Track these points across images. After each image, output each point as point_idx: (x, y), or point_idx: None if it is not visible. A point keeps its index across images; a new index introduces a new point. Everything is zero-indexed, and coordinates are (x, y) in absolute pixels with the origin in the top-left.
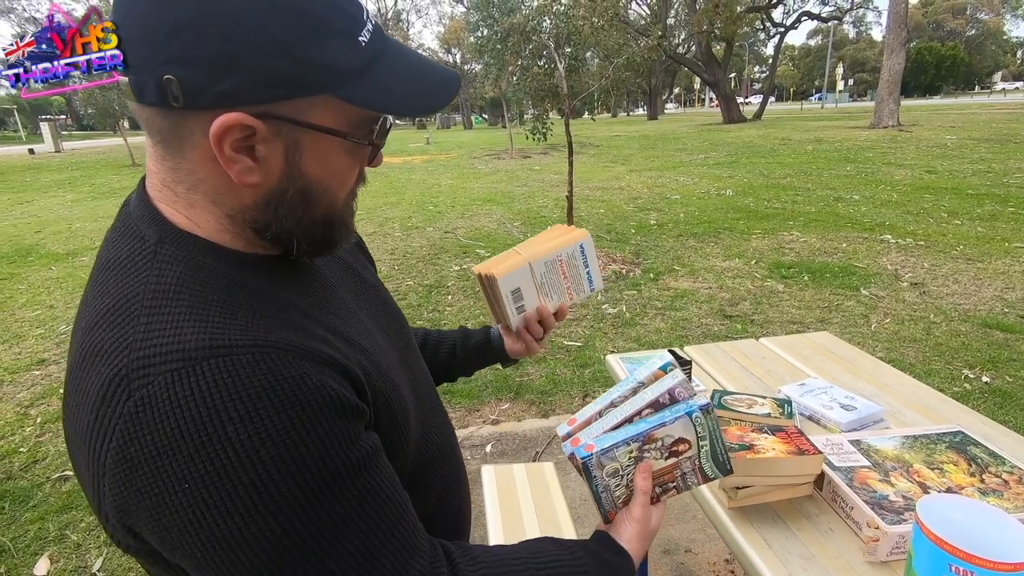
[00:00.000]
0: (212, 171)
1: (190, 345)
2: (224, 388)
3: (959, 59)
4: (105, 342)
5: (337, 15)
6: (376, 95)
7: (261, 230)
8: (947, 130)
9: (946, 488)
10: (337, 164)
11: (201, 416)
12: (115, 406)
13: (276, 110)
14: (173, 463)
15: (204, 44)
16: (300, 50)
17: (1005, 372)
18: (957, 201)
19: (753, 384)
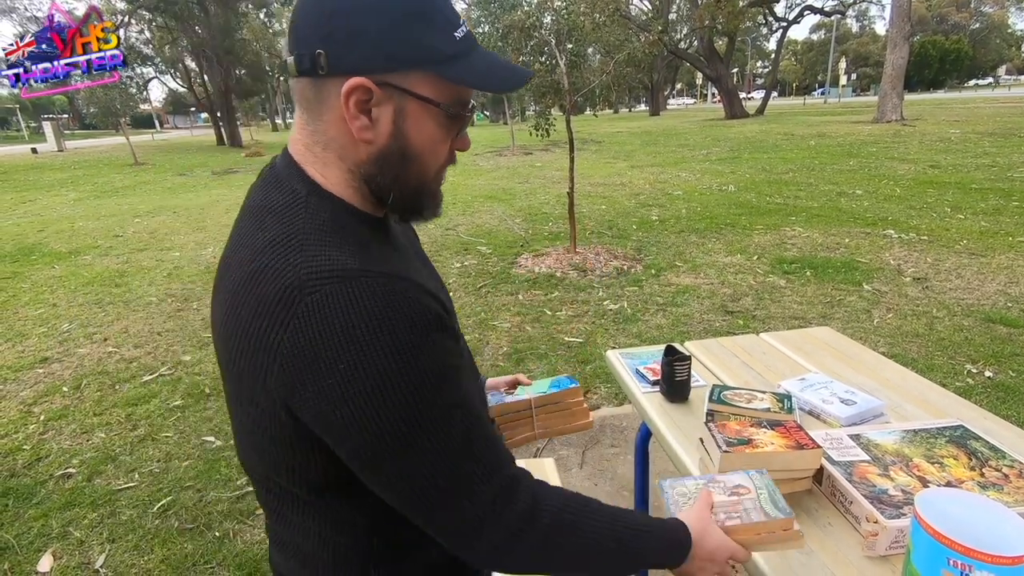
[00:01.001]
0: (341, 130)
1: (341, 268)
2: (367, 299)
3: (963, 53)
4: (274, 264)
5: (439, 15)
6: (465, 73)
7: (370, 184)
8: (951, 124)
9: (946, 482)
10: (431, 133)
11: (352, 318)
12: (289, 308)
13: (389, 79)
14: (331, 350)
15: (345, 26)
16: (411, 35)
17: (1008, 367)
18: (961, 195)
19: (753, 379)
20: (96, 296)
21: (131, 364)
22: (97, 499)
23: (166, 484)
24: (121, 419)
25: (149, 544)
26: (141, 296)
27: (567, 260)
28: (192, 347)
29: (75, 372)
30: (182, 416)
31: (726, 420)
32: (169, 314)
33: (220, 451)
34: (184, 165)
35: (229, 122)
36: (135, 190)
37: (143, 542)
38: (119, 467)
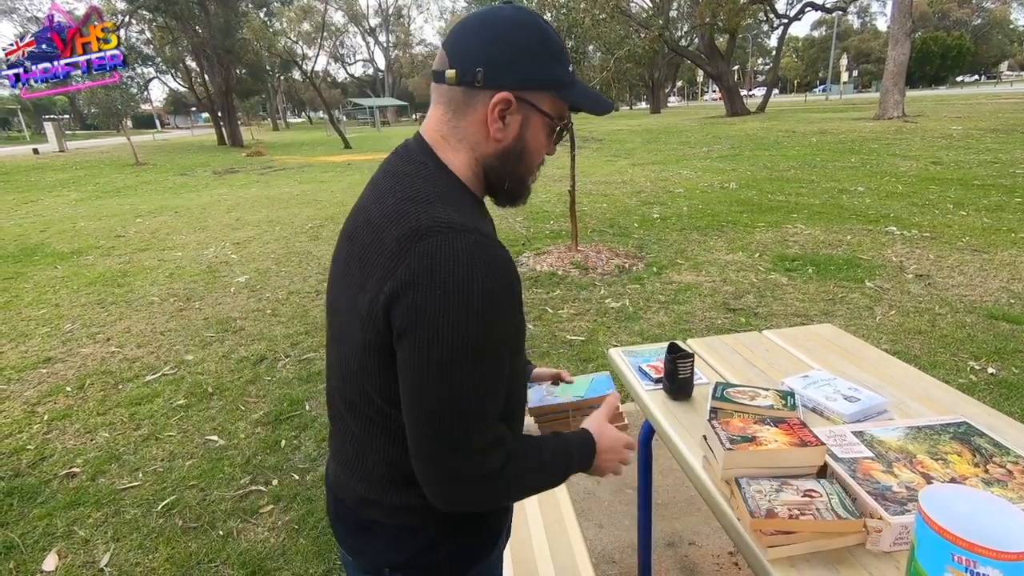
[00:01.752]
0: (480, 128)
1: (457, 222)
2: (472, 248)
3: (965, 49)
4: (408, 211)
5: (562, 54)
6: (575, 97)
7: (489, 172)
8: (953, 120)
9: (950, 479)
10: (541, 139)
11: (458, 257)
12: (413, 243)
13: (524, 96)
14: (437, 279)
15: (501, 54)
16: (544, 66)
17: (1011, 363)
18: (963, 192)
19: (756, 376)
20: (98, 296)
21: (134, 364)
22: (101, 498)
23: (170, 483)
24: (124, 419)
25: (153, 543)
26: (143, 296)
27: (568, 258)
28: (195, 346)
29: (78, 372)
30: (185, 415)
31: (729, 418)
32: (171, 314)
33: (223, 450)
34: (185, 165)
35: (230, 122)
36: (136, 190)
37: (147, 541)
38: (123, 466)
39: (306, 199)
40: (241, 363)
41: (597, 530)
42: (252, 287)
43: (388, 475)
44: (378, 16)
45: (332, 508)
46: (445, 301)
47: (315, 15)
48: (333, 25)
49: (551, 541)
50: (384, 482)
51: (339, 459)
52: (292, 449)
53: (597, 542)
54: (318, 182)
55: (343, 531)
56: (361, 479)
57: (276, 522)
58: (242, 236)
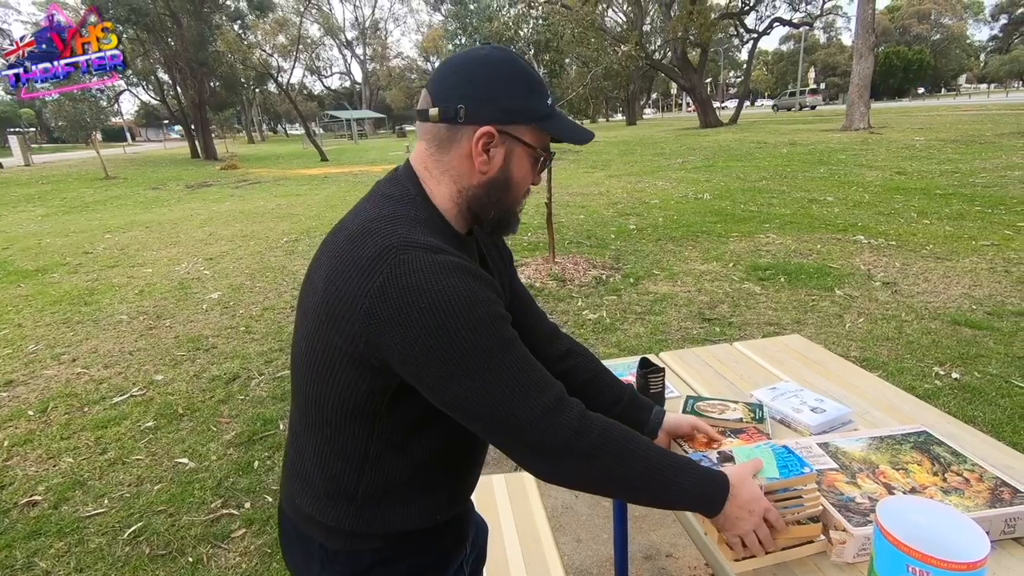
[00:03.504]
0: (464, 162)
1: (428, 243)
2: (443, 267)
3: (925, 63)
4: (380, 231)
5: (541, 87)
6: (555, 128)
7: (473, 204)
8: (916, 132)
9: (910, 488)
10: (526, 169)
11: (428, 279)
12: (382, 264)
13: (507, 129)
14: (410, 298)
15: (481, 90)
16: (524, 100)
17: (974, 368)
18: (926, 201)
19: (726, 389)
20: (64, 315)
21: (100, 385)
22: (64, 527)
23: (137, 509)
24: (90, 443)
25: (119, 573)
26: (111, 314)
27: (546, 270)
28: (165, 366)
29: (41, 395)
30: (154, 438)
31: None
32: (141, 332)
33: (194, 473)
34: (157, 179)
35: (203, 134)
36: (106, 205)
37: (113, 571)
38: (87, 493)
39: (282, 213)
40: (213, 382)
41: (575, 545)
42: (225, 304)
43: (327, 490)
44: (355, 29)
45: (281, 525)
46: (431, 318)
47: (291, 28)
48: (309, 38)
49: (526, 557)
50: (325, 498)
51: (288, 472)
52: (266, 470)
53: (575, 557)
54: (294, 195)
55: (286, 548)
56: (305, 494)
57: (248, 546)
58: (215, 251)
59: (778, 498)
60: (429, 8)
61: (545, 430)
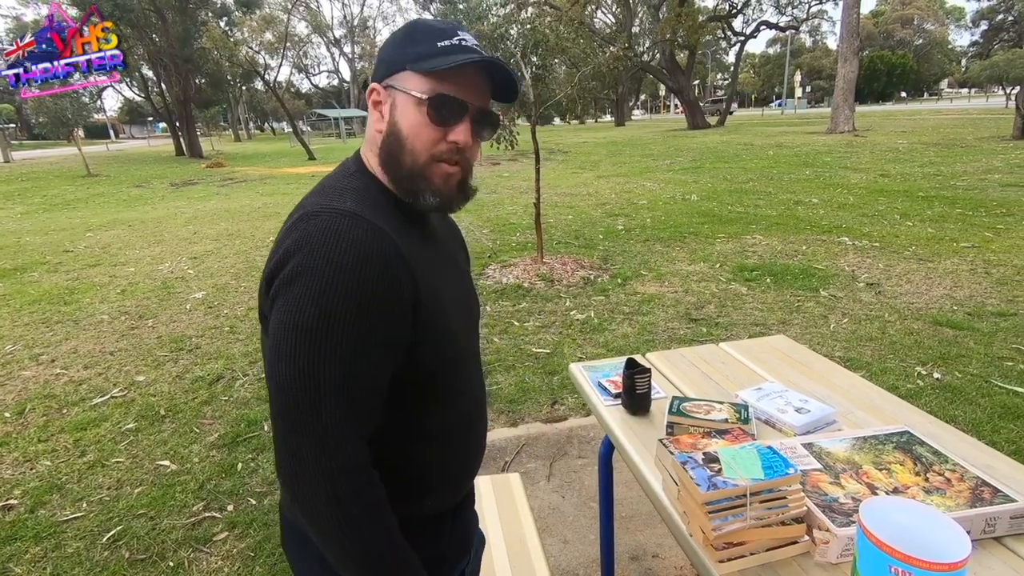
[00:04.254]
0: (370, 127)
1: (346, 209)
2: (351, 229)
3: (909, 67)
4: (310, 201)
5: (424, 32)
6: (436, 65)
7: (384, 168)
8: (899, 135)
9: (893, 488)
10: (413, 119)
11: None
12: (300, 223)
13: (389, 81)
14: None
15: (378, 58)
16: (402, 49)
17: (955, 368)
18: (909, 203)
19: (712, 389)
20: (43, 315)
21: (80, 386)
22: (41, 532)
23: (116, 513)
24: (68, 445)
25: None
26: (92, 314)
27: (534, 270)
28: (147, 367)
29: (18, 396)
30: (135, 440)
31: (682, 433)
32: (122, 332)
33: (175, 475)
34: (141, 176)
35: (188, 132)
36: (88, 203)
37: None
38: (65, 496)
39: (268, 212)
40: (196, 383)
41: (562, 546)
42: (209, 303)
43: None
44: (343, 27)
45: (280, 524)
46: (312, 273)
47: (278, 25)
48: (296, 35)
49: (512, 559)
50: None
51: None
52: (249, 472)
53: (562, 558)
54: (281, 194)
55: (286, 548)
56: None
57: (231, 550)
58: (200, 250)
59: (763, 499)
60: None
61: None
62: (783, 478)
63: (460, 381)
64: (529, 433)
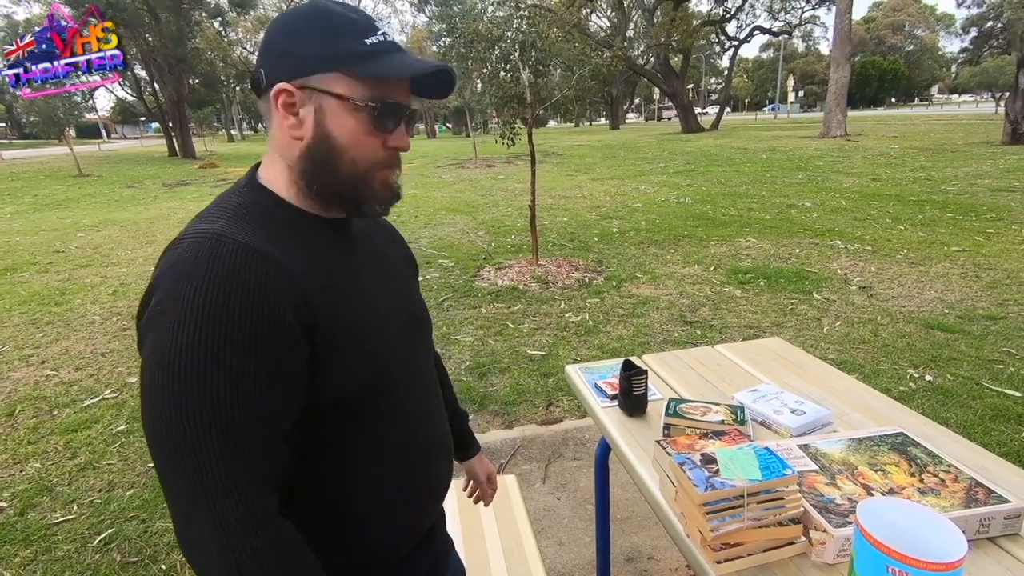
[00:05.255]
0: (281, 133)
1: (206, 231)
2: (207, 255)
3: (900, 73)
4: (189, 224)
5: (347, 26)
6: (372, 70)
7: (304, 178)
8: (890, 140)
9: (888, 489)
10: (351, 127)
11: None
12: (166, 253)
13: (308, 82)
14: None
15: (275, 50)
16: (321, 45)
17: (946, 371)
18: (900, 207)
19: (708, 391)
20: (33, 316)
21: (71, 388)
22: (31, 534)
23: (108, 515)
24: (59, 447)
25: None
26: (83, 315)
27: (529, 272)
28: (139, 368)
29: (8, 398)
30: (127, 442)
31: (678, 435)
32: (114, 334)
33: None
34: (133, 176)
35: (181, 132)
36: (79, 203)
37: None
38: (56, 499)
39: None
40: None
41: (557, 548)
42: None
43: None
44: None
45: None
46: (173, 308)
47: None
48: None
49: (508, 560)
50: None
51: None
52: None
53: (557, 560)
54: None
55: None
56: None
57: None
58: None
59: (760, 499)
60: (413, 9)
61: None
62: (780, 479)
63: (394, 405)
64: (524, 435)
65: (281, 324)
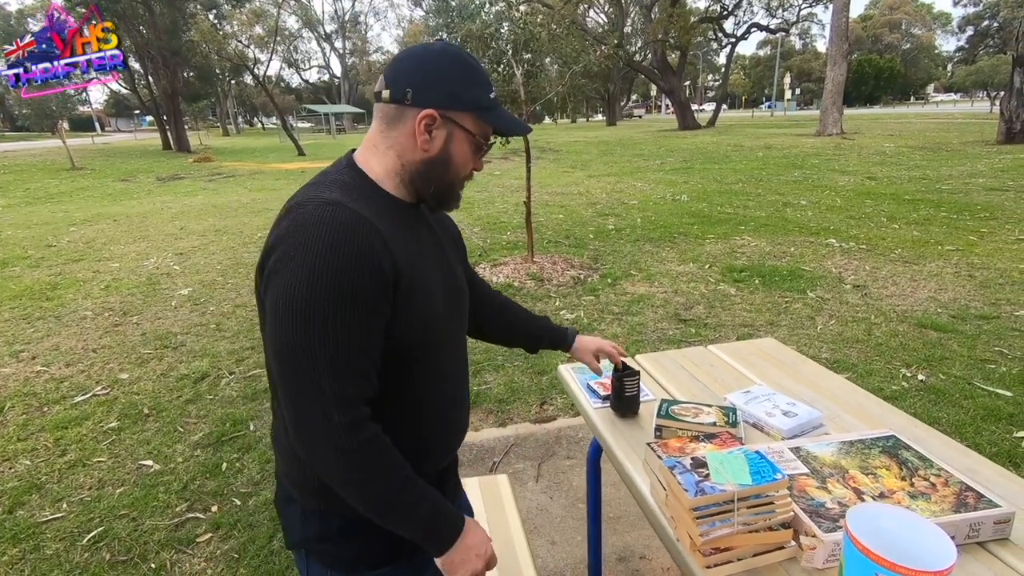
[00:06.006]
0: (408, 139)
1: (333, 199)
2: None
3: (896, 71)
4: (298, 195)
5: (484, 81)
6: (495, 119)
7: (415, 178)
8: (886, 138)
9: (879, 493)
10: (465, 153)
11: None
12: (290, 212)
13: (448, 114)
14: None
15: (428, 77)
16: (467, 89)
17: (939, 370)
18: (895, 206)
19: (701, 392)
20: (24, 311)
21: (62, 384)
22: (19, 533)
23: (98, 513)
24: (48, 444)
25: None
26: (75, 310)
27: (524, 269)
28: (130, 364)
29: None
30: (117, 439)
31: (670, 437)
32: (106, 329)
33: (158, 476)
34: (126, 170)
35: (176, 126)
36: (71, 196)
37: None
38: (45, 496)
39: (257, 207)
40: (181, 381)
41: (549, 547)
42: (195, 300)
43: (291, 449)
44: (334, 22)
45: (276, 487)
46: (300, 255)
47: (268, 19)
48: (287, 29)
49: (499, 561)
50: (289, 455)
51: (272, 436)
52: (234, 472)
53: (549, 559)
54: (270, 190)
55: (278, 509)
56: (278, 449)
57: (214, 551)
58: (186, 246)
59: (750, 504)
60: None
61: (319, 435)
62: (771, 483)
63: (445, 362)
64: (518, 433)
65: (380, 275)
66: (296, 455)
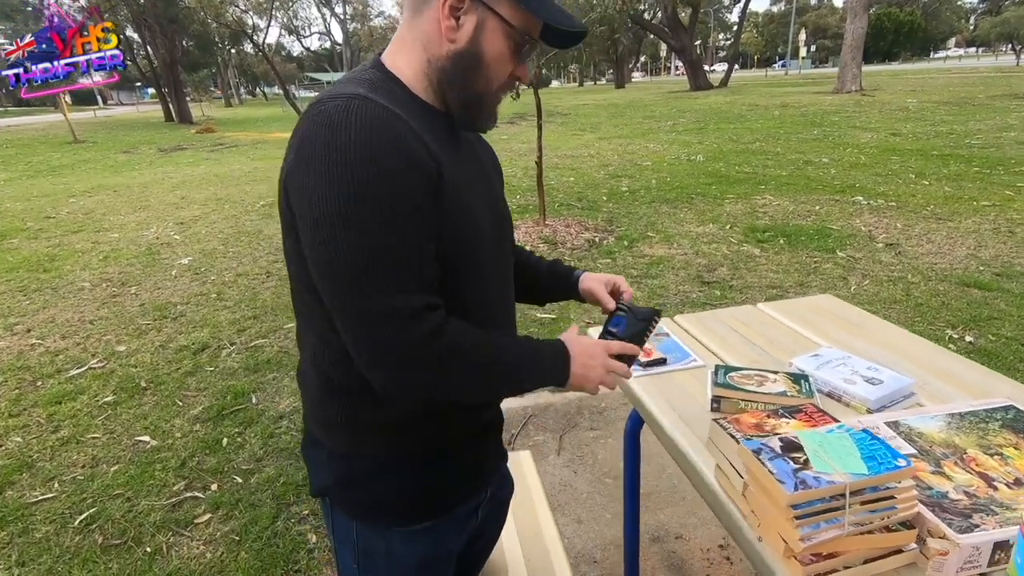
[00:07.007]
0: (433, 27)
1: (360, 94)
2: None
3: (917, 25)
4: (323, 93)
5: None
6: (537, 7)
7: (442, 78)
8: (908, 94)
9: (1014, 480)
10: (500, 48)
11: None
12: (313, 109)
13: None
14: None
15: None
16: None
17: (987, 331)
18: (923, 162)
19: (758, 356)
20: (20, 283)
21: (56, 357)
22: (7, 514)
23: (91, 493)
24: (41, 420)
25: (67, 566)
26: (72, 282)
27: (537, 233)
28: (128, 335)
29: None
30: (113, 414)
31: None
32: (103, 300)
33: (155, 452)
34: (128, 142)
35: (177, 97)
36: (73, 169)
37: (59, 564)
38: (36, 476)
39: (259, 176)
40: (180, 353)
41: (576, 526)
42: (196, 270)
43: (321, 384)
44: None
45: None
46: (332, 152)
47: None
48: None
49: (523, 542)
50: (322, 394)
51: (297, 377)
52: (235, 448)
53: (576, 540)
54: (272, 159)
55: (304, 456)
56: (305, 389)
57: (214, 533)
58: (187, 215)
59: (865, 499)
60: None
61: (388, 324)
62: (892, 472)
63: (480, 278)
64: (537, 403)
65: (421, 167)
66: (326, 389)
